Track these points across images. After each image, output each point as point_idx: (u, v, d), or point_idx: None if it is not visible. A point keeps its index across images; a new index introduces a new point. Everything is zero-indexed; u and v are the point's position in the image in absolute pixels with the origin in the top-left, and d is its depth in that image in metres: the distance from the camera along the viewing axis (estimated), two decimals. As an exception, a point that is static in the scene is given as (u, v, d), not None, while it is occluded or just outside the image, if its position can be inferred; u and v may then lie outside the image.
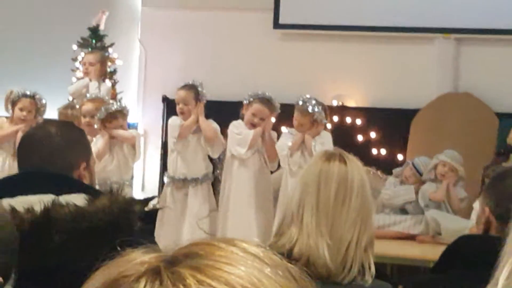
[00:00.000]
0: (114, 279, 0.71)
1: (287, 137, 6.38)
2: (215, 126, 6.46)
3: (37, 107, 6.87)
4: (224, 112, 6.63)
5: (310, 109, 6.27)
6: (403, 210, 6.72)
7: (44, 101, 6.93)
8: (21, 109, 6.86)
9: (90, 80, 7.77)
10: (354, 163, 2.52)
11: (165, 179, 6.72)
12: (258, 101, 6.36)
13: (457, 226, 6.25)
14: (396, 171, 7.06)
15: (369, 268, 2.40)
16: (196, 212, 6.36)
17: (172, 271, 0.70)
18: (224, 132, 6.52)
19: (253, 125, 6.33)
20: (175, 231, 6.31)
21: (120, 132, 6.44)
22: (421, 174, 6.76)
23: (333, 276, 2.36)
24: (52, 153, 2.49)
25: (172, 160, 6.56)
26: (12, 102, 6.92)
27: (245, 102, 6.43)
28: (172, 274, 0.69)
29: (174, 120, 6.62)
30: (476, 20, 8.31)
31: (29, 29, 9.16)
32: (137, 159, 6.66)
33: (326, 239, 2.37)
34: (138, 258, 0.73)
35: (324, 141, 6.22)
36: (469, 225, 6.03)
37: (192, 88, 6.47)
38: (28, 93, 6.90)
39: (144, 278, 0.70)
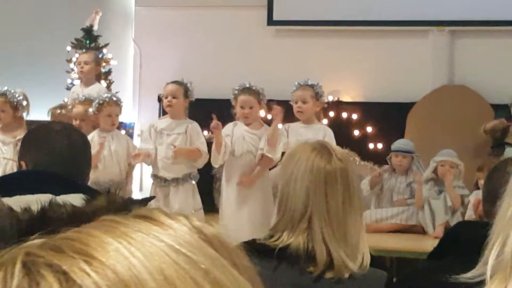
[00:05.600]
0: None
1: (283, 134, 6.23)
2: (202, 141, 6.42)
3: (13, 104, 6.68)
4: (218, 110, 6.60)
5: (309, 82, 6.28)
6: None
7: (20, 97, 6.71)
8: None
9: (81, 80, 7.66)
10: (346, 158, 2.50)
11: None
12: (242, 92, 6.31)
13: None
14: (384, 167, 7.02)
15: (363, 257, 2.37)
16: (176, 211, 6.24)
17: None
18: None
19: (245, 117, 6.30)
20: None
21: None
22: (410, 152, 6.74)
23: (330, 270, 2.35)
24: (73, 159, 2.49)
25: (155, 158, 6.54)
26: None
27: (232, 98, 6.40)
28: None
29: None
30: (469, 12, 8.32)
31: (21, 30, 9.14)
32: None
33: (325, 234, 2.36)
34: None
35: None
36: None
37: (182, 84, 6.53)
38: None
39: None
